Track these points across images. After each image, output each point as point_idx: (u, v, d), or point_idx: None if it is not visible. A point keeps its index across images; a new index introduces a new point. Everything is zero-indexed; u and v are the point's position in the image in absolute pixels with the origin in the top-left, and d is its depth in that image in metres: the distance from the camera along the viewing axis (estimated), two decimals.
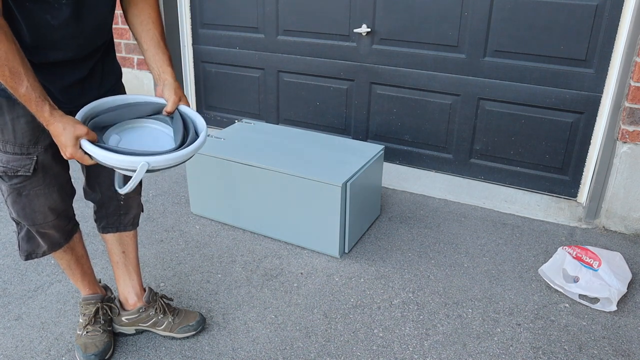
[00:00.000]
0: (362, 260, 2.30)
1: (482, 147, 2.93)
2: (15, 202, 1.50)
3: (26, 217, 1.52)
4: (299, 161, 2.37)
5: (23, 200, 1.49)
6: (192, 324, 1.85)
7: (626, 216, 2.50)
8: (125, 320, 1.84)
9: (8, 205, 1.53)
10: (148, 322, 1.84)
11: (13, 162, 1.43)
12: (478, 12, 2.68)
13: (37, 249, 1.63)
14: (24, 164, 1.45)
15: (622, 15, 2.39)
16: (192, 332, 1.85)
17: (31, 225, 1.55)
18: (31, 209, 1.51)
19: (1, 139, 1.42)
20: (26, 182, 1.47)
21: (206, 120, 3.74)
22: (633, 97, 2.30)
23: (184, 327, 1.84)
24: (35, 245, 1.62)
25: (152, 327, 1.85)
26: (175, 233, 2.49)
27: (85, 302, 1.80)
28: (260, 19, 3.25)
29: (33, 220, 1.53)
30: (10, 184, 1.47)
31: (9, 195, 1.49)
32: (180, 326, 1.84)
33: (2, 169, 1.45)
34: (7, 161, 1.44)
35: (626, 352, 1.80)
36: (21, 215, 1.52)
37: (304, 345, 1.83)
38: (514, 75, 2.72)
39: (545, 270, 2.13)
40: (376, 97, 3.10)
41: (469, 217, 2.66)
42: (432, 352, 1.80)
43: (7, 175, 1.45)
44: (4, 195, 1.51)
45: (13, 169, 1.44)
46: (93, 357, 1.72)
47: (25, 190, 1.48)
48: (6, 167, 1.44)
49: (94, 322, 1.78)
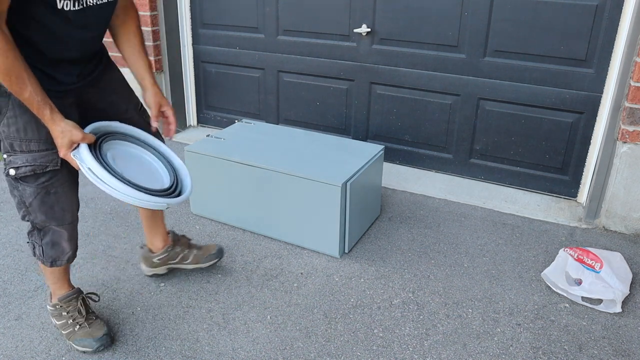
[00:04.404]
0: (362, 260, 2.30)
1: (482, 147, 2.93)
2: (44, 202, 1.52)
3: (55, 217, 1.54)
4: (299, 161, 2.37)
5: (52, 198, 1.52)
6: (213, 252, 2.08)
7: (626, 216, 2.50)
8: (157, 260, 2.07)
9: (31, 212, 1.53)
10: (176, 258, 2.07)
11: (40, 159, 1.47)
12: (478, 12, 2.68)
13: (61, 255, 1.65)
14: (52, 158, 1.49)
15: (622, 15, 2.39)
16: (215, 259, 2.08)
17: (60, 225, 1.56)
18: (60, 208, 1.54)
19: (24, 139, 1.45)
20: (54, 178, 1.50)
21: (206, 120, 3.75)
22: (633, 97, 2.30)
23: (207, 257, 2.07)
24: (60, 251, 1.64)
25: (181, 262, 2.08)
26: None
27: (65, 300, 1.80)
28: (260, 19, 3.25)
29: (62, 220, 1.56)
30: (37, 183, 1.49)
31: (35, 197, 1.50)
32: (204, 257, 2.07)
33: (29, 168, 1.47)
34: (33, 159, 1.46)
35: (626, 352, 1.80)
36: (49, 215, 1.54)
37: (304, 345, 1.83)
38: (514, 75, 2.71)
39: (548, 274, 2.13)
40: (376, 97, 3.10)
41: (469, 217, 2.66)
42: (432, 352, 1.80)
43: (35, 174, 1.48)
44: (28, 201, 1.52)
45: (42, 166, 1.47)
46: (105, 337, 1.76)
47: (53, 187, 1.51)
48: (34, 166, 1.47)
49: (86, 313, 1.80)
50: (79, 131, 1.40)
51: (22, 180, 1.49)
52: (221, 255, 2.11)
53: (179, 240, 2.10)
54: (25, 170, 1.47)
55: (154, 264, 2.09)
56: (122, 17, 1.65)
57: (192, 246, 2.09)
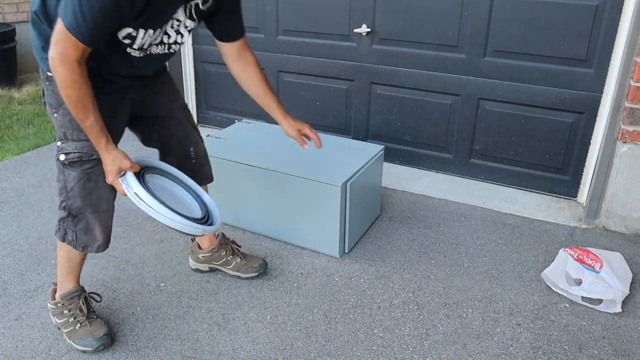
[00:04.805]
0: (362, 260, 2.30)
1: (482, 147, 2.93)
2: (84, 188, 1.63)
3: (92, 203, 1.65)
4: (299, 161, 2.37)
5: (91, 185, 1.64)
6: (255, 266, 2.14)
7: (626, 216, 2.50)
8: (202, 257, 2.16)
9: (71, 197, 1.64)
10: (219, 261, 2.15)
11: (88, 147, 1.59)
12: (478, 12, 2.68)
13: (93, 242, 1.72)
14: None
15: (622, 15, 2.39)
16: (255, 272, 2.13)
17: (95, 212, 1.67)
18: (97, 195, 1.65)
19: (76, 128, 1.58)
20: (96, 167, 1.62)
21: (206, 120, 3.75)
22: (633, 97, 2.30)
23: (248, 268, 2.13)
24: (92, 238, 1.71)
25: (223, 265, 2.15)
26: (175, 233, 2.49)
27: (67, 298, 1.82)
28: (260, 19, 3.25)
29: (98, 207, 1.66)
30: (82, 169, 1.62)
31: (77, 182, 1.62)
32: (246, 267, 2.13)
33: (76, 155, 1.60)
34: (81, 147, 1.60)
35: (626, 352, 1.80)
36: (87, 201, 1.64)
37: (304, 345, 1.83)
38: (514, 75, 2.71)
39: (549, 274, 2.13)
40: (376, 97, 3.10)
41: (469, 217, 2.66)
42: (432, 352, 1.80)
43: (81, 160, 1.61)
44: (70, 186, 1.63)
45: (88, 153, 1.60)
46: (105, 336, 1.78)
47: (94, 175, 1.63)
48: (81, 153, 1.60)
49: (87, 312, 1.81)
50: (127, 160, 1.57)
51: (70, 165, 1.62)
52: (262, 269, 2.15)
53: (226, 244, 2.16)
54: (73, 156, 1.61)
55: (199, 259, 2.18)
56: (240, 63, 1.86)
57: (237, 254, 2.15)
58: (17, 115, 4.09)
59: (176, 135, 1.91)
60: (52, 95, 1.60)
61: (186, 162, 1.94)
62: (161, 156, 1.95)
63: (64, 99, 1.45)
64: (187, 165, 1.95)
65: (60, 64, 1.40)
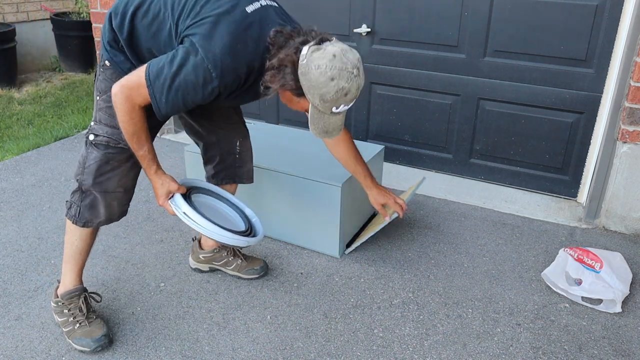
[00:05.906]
0: (362, 260, 2.30)
1: (482, 147, 2.93)
2: (99, 168, 1.69)
3: (101, 183, 1.71)
4: (299, 161, 2.37)
5: (107, 168, 1.70)
6: (256, 268, 2.15)
7: (626, 216, 2.50)
8: (202, 257, 2.17)
9: (85, 173, 1.71)
10: (220, 261, 2.16)
11: (117, 135, 1.65)
12: (478, 12, 2.68)
13: (94, 219, 1.77)
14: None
15: (622, 15, 2.39)
16: (256, 275, 2.14)
17: (103, 192, 1.72)
18: (107, 178, 1.71)
19: (112, 115, 1.63)
20: (118, 154, 1.69)
21: None
22: (633, 97, 2.30)
23: (250, 270, 2.14)
24: (95, 214, 1.76)
25: (223, 266, 2.17)
26: (175, 233, 2.49)
27: (67, 297, 1.82)
28: None
29: (106, 188, 1.72)
30: (105, 152, 1.69)
31: (95, 162, 1.69)
32: (247, 269, 2.14)
33: (104, 139, 1.67)
34: (111, 133, 1.67)
35: (626, 352, 1.80)
36: (96, 181, 1.70)
37: (304, 345, 1.83)
38: (514, 75, 2.72)
39: (548, 274, 2.13)
40: (376, 97, 3.10)
41: (469, 217, 2.66)
42: (432, 352, 1.80)
43: (107, 144, 1.68)
44: (87, 163, 1.70)
45: (116, 141, 1.67)
46: (103, 337, 1.78)
47: (113, 161, 1.70)
48: (110, 139, 1.68)
49: (86, 312, 1.82)
50: (175, 183, 1.67)
51: (95, 145, 1.69)
52: (264, 272, 2.17)
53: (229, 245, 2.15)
54: (102, 139, 1.68)
55: (200, 259, 2.18)
56: (332, 141, 1.92)
57: (238, 255, 2.17)
58: (17, 115, 4.09)
59: (224, 128, 1.97)
60: (103, 82, 1.68)
61: (229, 158, 2.00)
62: (203, 150, 2.01)
63: (121, 128, 1.55)
64: (230, 161, 2.00)
65: (121, 103, 1.51)
